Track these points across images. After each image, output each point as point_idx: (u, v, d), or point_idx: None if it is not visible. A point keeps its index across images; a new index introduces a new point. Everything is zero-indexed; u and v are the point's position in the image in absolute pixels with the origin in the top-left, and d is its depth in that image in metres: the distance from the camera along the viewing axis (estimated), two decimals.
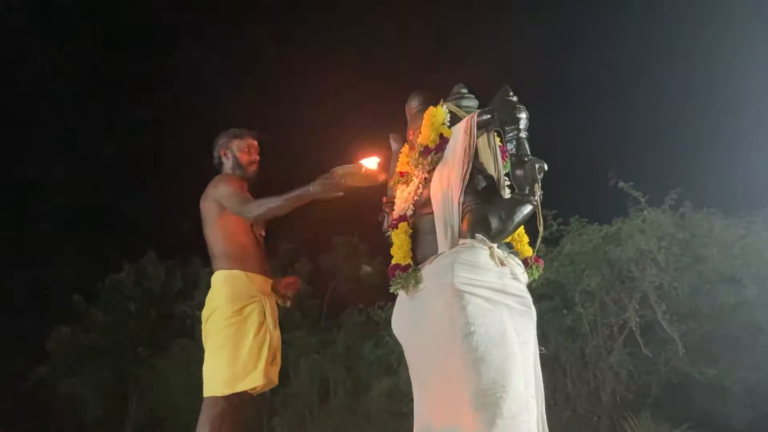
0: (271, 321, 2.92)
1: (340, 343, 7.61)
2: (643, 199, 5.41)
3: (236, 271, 2.92)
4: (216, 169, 3.21)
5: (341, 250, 9.61)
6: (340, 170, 2.66)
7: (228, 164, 3.17)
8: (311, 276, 9.30)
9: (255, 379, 2.81)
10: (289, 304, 3.14)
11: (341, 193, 2.74)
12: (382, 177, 2.70)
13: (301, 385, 7.49)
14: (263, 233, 3.16)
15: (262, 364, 2.82)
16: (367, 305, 6.87)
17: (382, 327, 6.47)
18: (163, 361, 8.77)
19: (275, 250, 8.62)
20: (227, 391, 2.77)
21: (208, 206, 3.02)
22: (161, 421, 9.02)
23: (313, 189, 2.72)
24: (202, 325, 2.97)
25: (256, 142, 3.23)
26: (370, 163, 2.68)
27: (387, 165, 2.76)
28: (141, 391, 9.32)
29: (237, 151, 3.16)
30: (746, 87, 6.88)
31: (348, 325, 8.00)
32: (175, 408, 8.23)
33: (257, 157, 3.21)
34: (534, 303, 2.37)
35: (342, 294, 9.23)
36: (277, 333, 2.98)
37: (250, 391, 2.84)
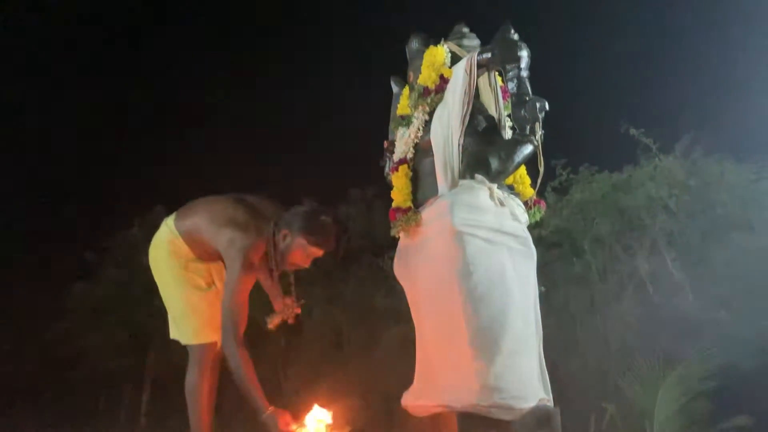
0: (218, 280, 2.89)
1: (352, 293, 7.67)
2: (654, 146, 5.34)
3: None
4: (269, 231, 2.69)
5: (357, 203, 9.57)
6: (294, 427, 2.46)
7: (277, 246, 2.69)
8: None
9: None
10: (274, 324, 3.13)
11: None
12: None
13: (314, 335, 7.60)
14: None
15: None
16: (378, 255, 6.90)
17: (393, 276, 6.50)
18: None
19: (297, 200, 8.61)
20: (195, 342, 2.81)
21: (222, 246, 2.67)
22: (181, 372, 9.22)
23: (263, 419, 2.46)
24: (153, 271, 2.98)
25: (321, 254, 2.75)
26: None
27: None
28: (159, 342, 9.48)
29: (296, 248, 2.66)
30: (758, 29, 6.69)
31: (359, 275, 8.06)
32: None
33: (306, 266, 2.79)
34: (543, 251, 2.36)
35: (354, 246, 9.25)
36: None
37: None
